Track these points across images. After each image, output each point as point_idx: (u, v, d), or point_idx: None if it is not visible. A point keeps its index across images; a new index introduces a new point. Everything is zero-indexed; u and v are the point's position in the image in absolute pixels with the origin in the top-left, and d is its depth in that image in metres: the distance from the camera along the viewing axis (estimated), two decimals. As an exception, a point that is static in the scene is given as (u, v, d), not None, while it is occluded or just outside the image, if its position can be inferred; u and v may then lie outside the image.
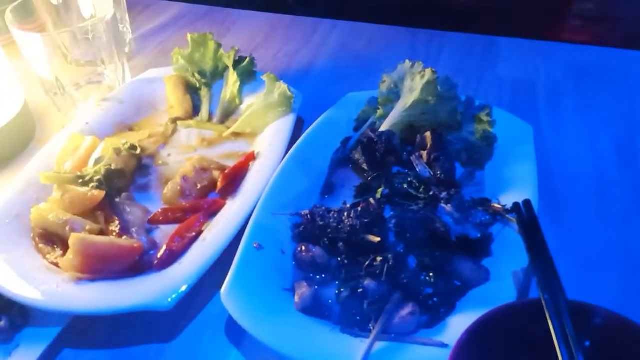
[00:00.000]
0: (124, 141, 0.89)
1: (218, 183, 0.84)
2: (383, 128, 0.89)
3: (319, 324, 0.65)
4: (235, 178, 0.85)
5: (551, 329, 0.52)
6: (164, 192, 0.84)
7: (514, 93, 1.09)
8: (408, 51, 1.25)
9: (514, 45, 1.24)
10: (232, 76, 1.03)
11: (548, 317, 0.53)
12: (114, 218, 0.78)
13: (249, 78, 1.05)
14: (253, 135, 0.96)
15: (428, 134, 0.86)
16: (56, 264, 0.72)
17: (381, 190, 0.81)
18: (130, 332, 0.68)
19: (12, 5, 0.96)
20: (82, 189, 0.79)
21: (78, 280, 0.69)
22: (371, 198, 0.76)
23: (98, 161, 0.85)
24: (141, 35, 1.37)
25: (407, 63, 0.93)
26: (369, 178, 0.84)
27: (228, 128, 0.98)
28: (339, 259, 0.71)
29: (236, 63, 1.05)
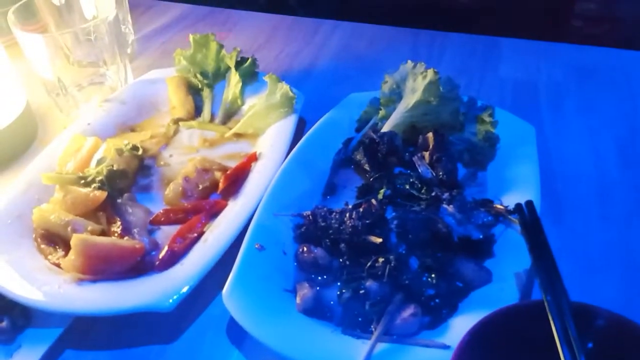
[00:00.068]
0: (126, 142, 0.89)
1: (220, 184, 0.84)
2: (385, 129, 0.89)
3: (321, 325, 0.65)
4: (237, 179, 0.85)
5: (553, 331, 0.52)
6: (166, 193, 0.85)
7: (516, 94, 1.09)
8: (410, 52, 1.25)
9: (516, 45, 1.24)
10: (234, 77, 1.03)
11: (550, 319, 0.53)
12: (116, 219, 0.78)
13: (251, 79, 1.05)
14: (255, 136, 0.96)
15: (430, 135, 0.86)
16: (58, 265, 0.72)
17: (383, 191, 0.80)
18: (131, 333, 0.68)
19: (15, 6, 0.97)
20: (84, 190, 0.79)
21: (80, 281, 0.69)
22: (373, 199, 0.76)
23: (100, 162, 0.86)
24: (143, 36, 1.37)
25: (409, 63, 0.93)
26: (371, 179, 0.84)
27: (230, 129, 0.98)
28: (341, 260, 0.71)
29: (238, 64, 1.05)
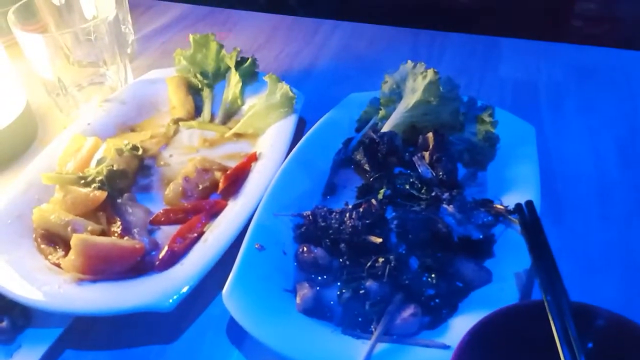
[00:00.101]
0: (126, 142, 0.89)
1: (220, 184, 0.84)
2: (385, 129, 0.89)
3: (321, 325, 0.65)
4: (237, 179, 0.85)
5: (553, 331, 0.52)
6: (166, 193, 0.84)
7: (516, 94, 1.09)
8: (410, 52, 1.25)
9: (516, 45, 1.24)
10: (234, 77, 1.03)
11: (550, 319, 0.53)
12: (116, 219, 0.78)
13: (251, 79, 1.05)
14: (255, 136, 0.96)
15: (430, 135, 0.86)
16: (58, 265, 0.72)
17: (383, 191, 0.80)
18: (131, 333, 0.68)
19: (15, 6, 0.97)
20: (84, 190, 0.79)
21: (80, 281, 0.69)
22: (373, 199, 0.76)
23: (100, 162, 0.86)
24: (143, 36, 1.37)
25: (409, 63, 0.93)
26: (371, 179, 0.84)
27: (230, 129, 0.98)
28: (341, 260, 0.71)
29: (238, 64, 1.05)
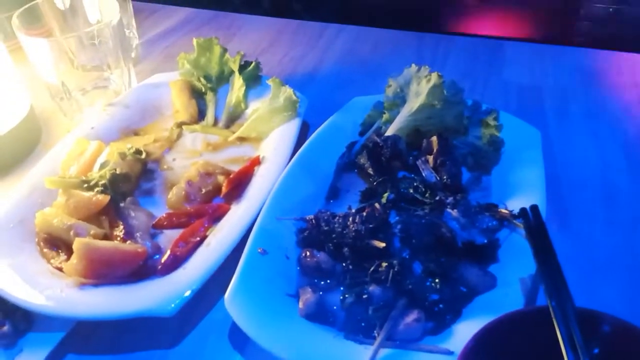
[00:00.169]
0: (129, 146, 0.89)
1: (223, 188, 0.84)
2: (389, 132, 0.89)
3: (323, 330, 0.64)
4: (240, 183, 0.85)
5: (559, 337, 0.51)
6: (169, 197, 0.84)
7: (521, 97, 1.08)
8: (414, 55, 1.25)
9: (521, 48, 1.24)
10: (238, 81, 1.03)
11: (555, 325, 0.52)
12: (119, 223, 0.78)
13: (255, 82, 1.05)
14: (258, 139, 0.96)
15: (434, 139, 0.86)
16: (60, 269, 0.72)
17: (387, 195, 0.80)
18: (133, 338, 0.68)
19: (19, 10, 0.97)
20: (87, 194, 0.79)
21: (82, 285, 0.69)
22: (376, 203, 0.76)
23: (103, 166, 0.86)
24: (147, 40, 1.38)
25: (413, 67, 0.92)
26: (375, 183, 0.84)
27: (233, 132, 0.98)
28: (344, 265, 0.71)
29: (242, 67, 1.05)
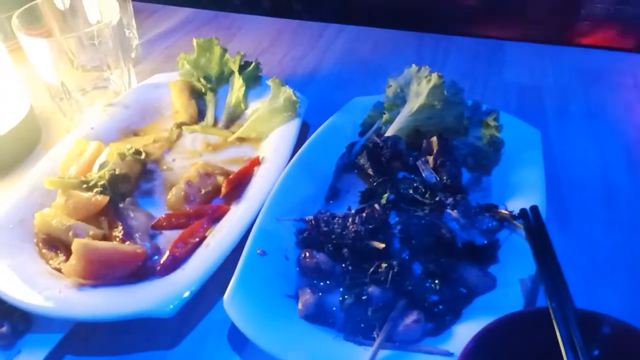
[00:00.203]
0: (129, 146, 0.89)
1: (222, 188, 0.84)
2: (389, 133, 0.89)
3: (323, 332, 0.64)
4: (239, 183, 0.85)
5: (559, 338, 0.51)
6: (168, 198, 0.84)
7: (521, 97, 1.08)
8: (414, 55, 1.24)
9: (521, 49, 1.23)
10: (238, 81, 1.03)
11: (555, 326, 0.52)
12: (118, 223, 0.78)
13: (255, 83, 1.05)
14: (258, 140, 0.96)
15: (434, 139, 0.85)
16: (59, 270, 0.72)
17: (386, 195, 0.80)
18: (132, 339, 0.68)
19: (19, 10, 0.97)
20: (86, 194, 0.79)
21: (80, 286, 0.69)
22: (376, 204, 0.76)
23: (102, 166, 0.85)
24: (148, 40, 1.38)
25: (413, 67, 0.92)
26: (374, 183, 0.84)
27: (233, 133, 0.98)
28: (343, 266, 0.71)
29: (242, 68, 1.05)
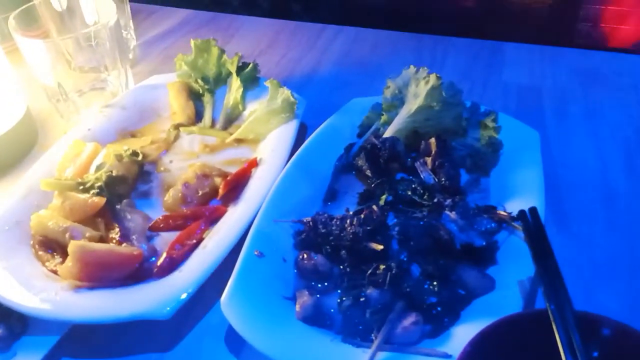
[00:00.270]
0: (126, 147, 0.88)
1: (220, 190, 0.84)
2: (387, 134, 0.89)
3: (320, 334, 0.64)
4: (237, 185, 0.84)
5: (557, 340, 0.51)
6: (165, 199, 0.84)
7: (520, 99, 1.08)
8: (412, 56, 1.24)
9: (520, 50, 1.23)
10: (235, 82, 1.03)
11: (554, 328, 0.52)
12: (115, 225, 0.78)
13: (252, 84, 1.04)
14: (256, 141, 0.96)
15: (432, 140, 0.85)
16: (55, 272, 0.71)
17: (385, 197, 0.80)
18: (129, 341, 0.68)
19: (16, 12, 0.97)
20: (83, 196, 0.79)
21: (77, 288, 0.68)
22: (374, 205, 0.76)
23: (99, 168, 0.85)
24: (145, 41, 1.37)
25: (412, 68, 0.92)
26: (373, 185, 0.83)
27: (231, 134, 0.98)
28: (341, 267, 0.71)
29: (239, 69, 1.04)
